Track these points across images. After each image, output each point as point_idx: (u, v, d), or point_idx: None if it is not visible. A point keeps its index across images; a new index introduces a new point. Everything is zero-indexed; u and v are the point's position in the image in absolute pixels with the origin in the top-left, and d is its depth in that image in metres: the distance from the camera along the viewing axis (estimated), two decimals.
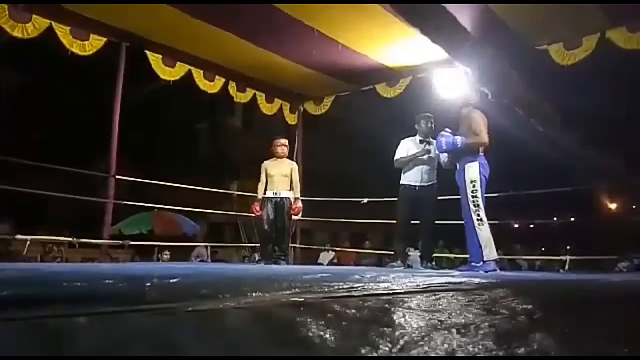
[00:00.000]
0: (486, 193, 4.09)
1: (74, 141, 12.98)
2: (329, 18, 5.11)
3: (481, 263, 3.85)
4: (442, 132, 4.24)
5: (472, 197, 3.93)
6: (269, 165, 5.57)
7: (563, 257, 6.18)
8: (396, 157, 4.93)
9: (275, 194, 5.45)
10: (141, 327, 0.85)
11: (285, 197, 5.46)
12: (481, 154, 4.05)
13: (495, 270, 3.74)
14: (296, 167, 5.71)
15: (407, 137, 5.00)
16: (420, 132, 4.91)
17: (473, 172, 3.96)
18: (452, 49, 4.80)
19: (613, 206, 17.92)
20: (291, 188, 5.55)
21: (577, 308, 1.43)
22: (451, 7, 4.37)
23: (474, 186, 3.93)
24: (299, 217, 6.07)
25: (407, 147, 4.91)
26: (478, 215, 3.89)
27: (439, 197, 4.87)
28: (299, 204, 5.57)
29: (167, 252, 9.59)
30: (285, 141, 5.68)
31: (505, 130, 4.12)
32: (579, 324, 1.09)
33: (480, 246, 3.85)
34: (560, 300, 1.53)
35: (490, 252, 3.84)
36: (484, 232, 3.86)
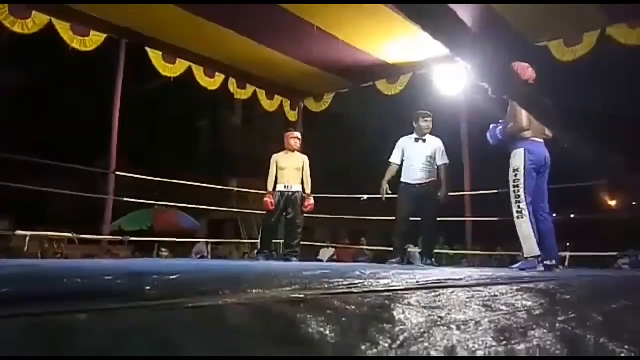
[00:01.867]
0: (487, 190, 3.97)
1: (74, 140, 13.00)
2: (329, 15, 5.11)
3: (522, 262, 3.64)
4: (492, 125, 3.96)
5: (514, 186, 3.65)
6: (280, 158, 5.44)
7: (562, 254, 6.17)
8: (391, 159, 5.01)
9: (287, 187, 5.33)
10: (141, 324, 0.85)
11: (297, 191, 5.36)
12: (532, 138, 3.70)
13: (534, 268, 3.48)
14: (308, 161, 5.56)
15: (405, 136, 5.05)
16: (417, 130, 4.94)
17: (517, 160, 3.68)
18: (453, 45, 4.78)
19: (613, 203, 17.93)
20: (302, 182, 5.45)
21: (577, 305, 1.43)
22: (452, 4, 4.36)
23: (515, 175, 3.65)
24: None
25: (402, 147, 4.99)
26: (518, 207, 3.61)
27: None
28: (312, 200, 5.46)
29: (166, 250, 9.61)
30: (298, 134, 5.61)
31: None
32: (579, 321, 1.09)
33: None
34: (561, 297, 1.53)
35: (529, 248, 3.59)
36: (523, 227, 3.58)
